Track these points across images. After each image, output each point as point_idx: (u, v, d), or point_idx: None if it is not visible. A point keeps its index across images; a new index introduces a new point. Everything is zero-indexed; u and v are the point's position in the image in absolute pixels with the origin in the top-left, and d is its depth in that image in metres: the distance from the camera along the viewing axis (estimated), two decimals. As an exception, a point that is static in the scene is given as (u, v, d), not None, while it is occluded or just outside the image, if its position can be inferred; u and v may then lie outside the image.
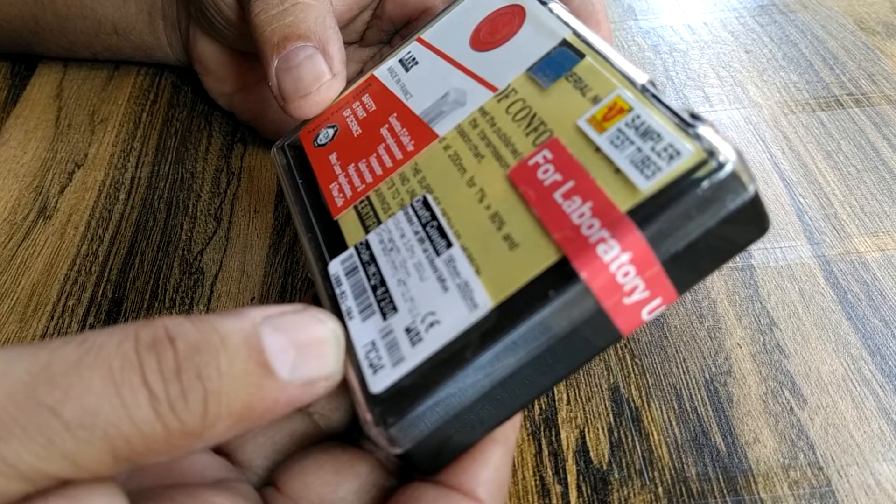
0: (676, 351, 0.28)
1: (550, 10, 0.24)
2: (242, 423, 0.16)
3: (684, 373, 0.27)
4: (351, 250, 0.22)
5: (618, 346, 0.28)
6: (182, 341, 0.15)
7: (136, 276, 0.32)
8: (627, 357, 0.28)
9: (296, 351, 0.16)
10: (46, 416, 0.14)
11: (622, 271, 0.17)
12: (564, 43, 0.22)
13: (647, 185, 0.17)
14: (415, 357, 0.18)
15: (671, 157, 0.18)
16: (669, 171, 0.17)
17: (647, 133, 0.18)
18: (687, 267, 0.18)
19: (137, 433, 0.14)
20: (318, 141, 0.26)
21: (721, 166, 0.17)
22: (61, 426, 0.14)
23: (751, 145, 0.36)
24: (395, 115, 0.25)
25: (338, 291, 0.21)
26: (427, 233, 0.21)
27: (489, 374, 0.18)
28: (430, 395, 0.18)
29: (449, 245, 0.20)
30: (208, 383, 0.15)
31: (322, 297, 0.21)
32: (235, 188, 0.35)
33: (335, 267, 0.22)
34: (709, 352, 0.28)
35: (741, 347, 0.28)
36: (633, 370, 0.27)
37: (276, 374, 0.16)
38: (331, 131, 0.26)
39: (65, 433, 0.14)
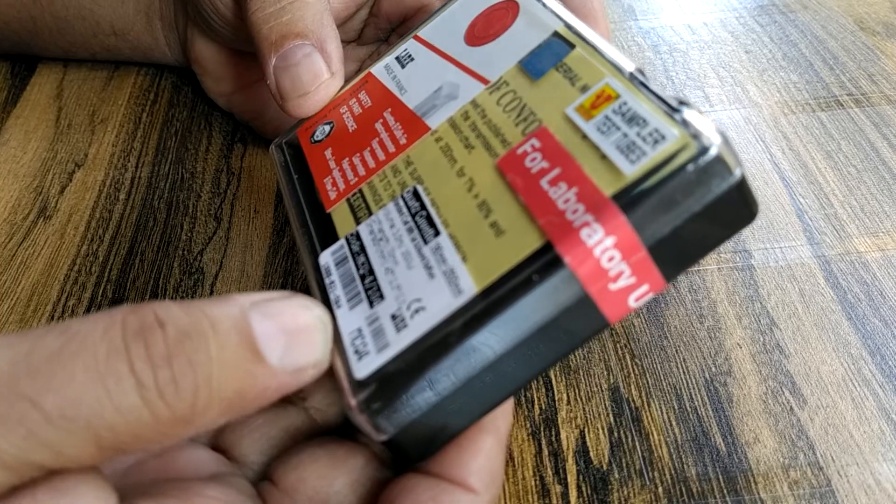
0: (676, 351, 0.28)
1: (544, 5, 0.24)
2: (233, 410, 0.16)
3: (684, 373, 0.27)
4: (342, 241, 0.22)
5: (618, 346, 0.28)
6: (172, 326, 0.15)
7: (136, 276, 0.32)
8: (627, 357, 0.28)
9: (285, 337, 0.16)
10: (26, 408, 0.14)
11: (607, 256, 0.17)
12: (556, 35, 0.22)
13: (632, 170, 0.17)
14: (399, 343, 0.18)
15: (656, 142, 0.17)
16: (654, 156, 0.17)
17: (633, 119, 0.18)
18: (674, 253, 0.18)
19: (123, 422, 0.14)
20: (315, 137, 0.26)
21: (706, 150, 0.17)
22: (42, 417, 0.14)
23: (751, 145, 0.36)
24: (389, 110, 0.25)
25: (327, 281, 0.21)
26: (416, 222, 0.21)
27: (474, 360, 0.18)
28: (414, 380, 0.17)
29: (437, 234, 0.20)
30: (199, 369, 0.15)
31: (312, 288, 0.22)
32: (235, 188, 0.35)
33: (325, 258, 0.22)
34: (709, 352, 0.27)
35: (741, 347, 0.28)
36: (633, 370, 0.27)
37: (266, 360, 0.16)
38: (327, 128, 0.26)
39: (45, 424, 0.14)
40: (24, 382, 0.14)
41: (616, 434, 0.25)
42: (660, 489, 0.24)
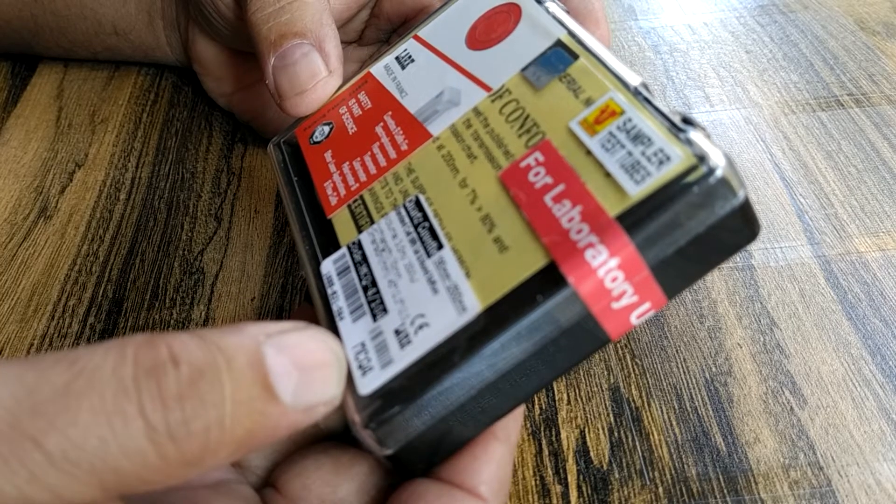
0: (677, 351, 0.28)
1: (546, 10, 0.24)
2: (242, 450, 0.15)
3: (684, 373, 0.27)
4: (343, 250, 0.22)
5: (618, 346, 0.28)
6: (186, 364, 0.14)
7: (136, 276, 0.32)
8: (627, 357, 0.28)
9: (299, 374, 0.16)
10: (29, 448, 0.13)
11: (610, 276, 0.17)
12: (559, 43, 0.22)
13: (637, 191, 0.17)
14: (403, 359, 0.18)
15: (661, 163, 0.17)
16: (659, 177, 0.17)
17: (638, 137, 0.18)
18: (676, 272, 0.18)
19: (129, 464, 0.14)
20: (314, 138, 0.26)
21: (711, 172, 0.17)
22: (44, 459, 0.13)
23: (751, 145, 0.36)
24: (389, 113, 0.25)
25: (329, 291, 0.21)
26: (419, 234, 0.20)
27: (476, 378, 0.18)
28: (418, 398, 0.18)
29: (440, 247, 0.20)
30: (213, 410, 0.14)
31: (314, 296, 0.21)
32: (236, 188, 0.35)
33: (327, 266, 0.22)
34: (709, 352, 0.28)
35: (741, 347, 0.28)
36: (634, 370, 0.27)
37: (279, 399, 0.15)
38: (326, 129, 0.26)
39: (48, 466, 0.13)
40: (27, 421, 0.13)
41: (616, 434, 0.25)
42: (660, 489, 0.24)
